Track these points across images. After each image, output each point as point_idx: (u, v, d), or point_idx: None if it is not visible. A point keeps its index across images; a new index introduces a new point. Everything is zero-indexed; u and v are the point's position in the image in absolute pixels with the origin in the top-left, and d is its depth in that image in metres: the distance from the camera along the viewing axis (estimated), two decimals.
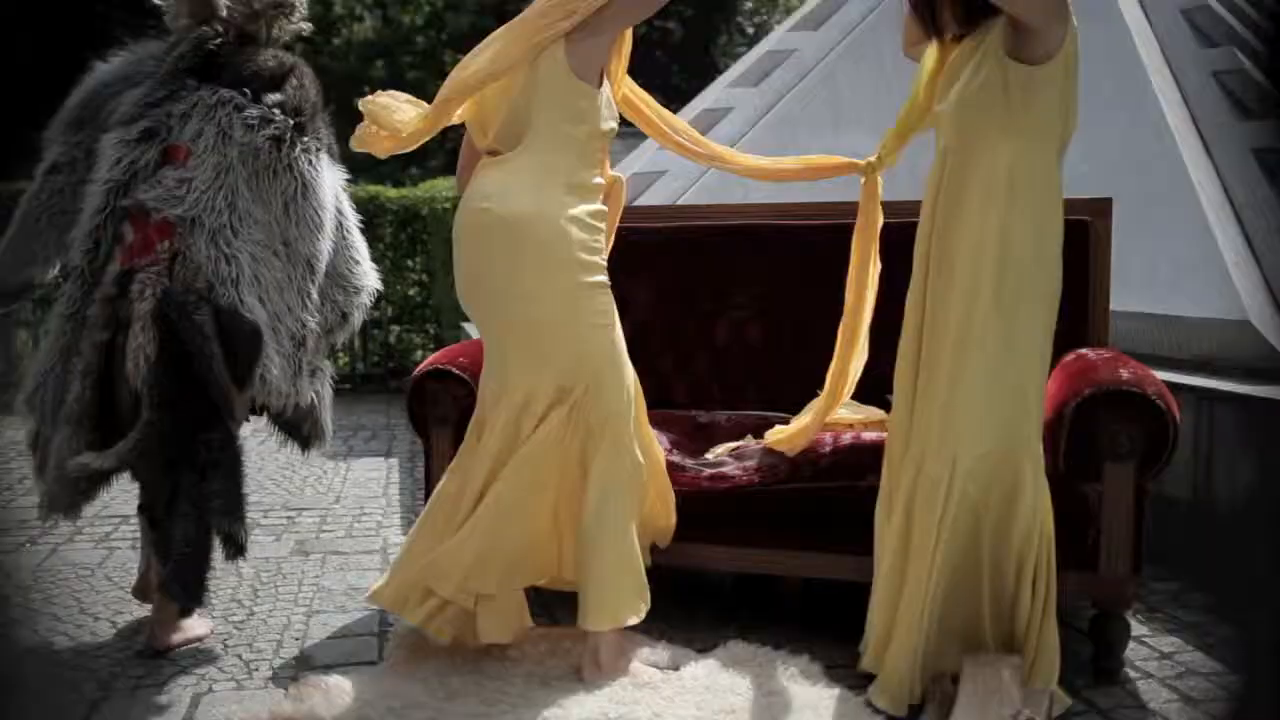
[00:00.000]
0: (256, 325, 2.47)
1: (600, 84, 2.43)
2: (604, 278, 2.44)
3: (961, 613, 2.22)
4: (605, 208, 2.51)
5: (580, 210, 2.38)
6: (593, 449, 2.38)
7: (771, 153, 2.86)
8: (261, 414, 2.73)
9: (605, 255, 2.49)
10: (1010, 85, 2.11)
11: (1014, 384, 2.17)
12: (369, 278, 2.91)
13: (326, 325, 2.76)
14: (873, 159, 2.64)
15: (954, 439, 2.17)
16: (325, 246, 2.71)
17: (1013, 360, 2.17)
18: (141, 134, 2.53)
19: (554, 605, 2.79)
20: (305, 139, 2.64)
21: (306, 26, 2.79)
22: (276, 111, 2.60)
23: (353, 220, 2.89)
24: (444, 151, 20.20)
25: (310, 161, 2.65)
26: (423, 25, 20.10)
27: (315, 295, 2.68)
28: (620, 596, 2.35)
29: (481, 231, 2.39)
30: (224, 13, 2.64)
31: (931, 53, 2.36)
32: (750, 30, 18.46)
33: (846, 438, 2.66)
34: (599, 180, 2.49)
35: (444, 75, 2.40)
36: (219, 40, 2.64)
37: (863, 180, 2.68)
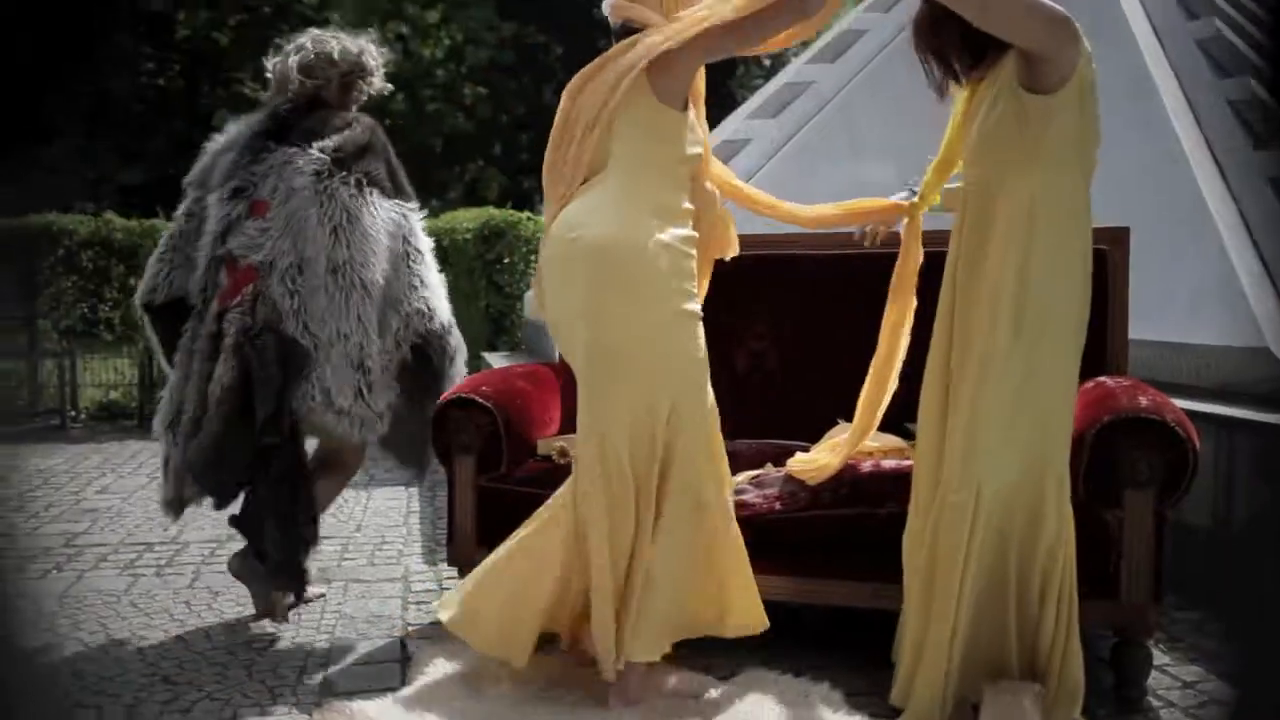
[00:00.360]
0: (309, 350, 2.83)
1: (685, 109, 2.43)
2: (695, 306, 2.38)
3: (987, 639, 2.22)
4: (695, 234, 2.46)
5: (669, 235, 2.34)
6: (664, 486, 2.34)
7: (790, 183, 2.91)
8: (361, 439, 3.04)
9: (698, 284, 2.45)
10: (1028, 116, 2.12)
11: (1038, 412, 2.18)
12: (424, 303, 3.07)
13: (399, 352, 3.02)
14: (915, 199, 2.66)
15: (978, 468, 2.17)
16: (377, 272, 2.94)
17: (1037, 388, 2.17)
18: (232, 192, 2.95)
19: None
20: (344, 172, 2.94)
21: (385, 87, 3.25)
22: (317, 151, 2.94)
23: (423, 250, 3.12)
24: (463, 184, 20.42)
25: (352, 193, 2.94)
26: (443, 59, 20.36)
27: (375, 318, 2.93)
28: (662, 631, 2.35)
29: (566, 261, 2.37)
30: (294, 87, 3.07)
31: (962, 94, 2.38)
32: (767, 62, 18.57)
33: (866, 465, 2.68)
34: (688, 205, 2.45)
35: (465, 108, 2.47)
36: (289, 107, 3.05)
37: (905, 220, 2.69)
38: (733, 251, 2.69)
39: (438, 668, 2.55)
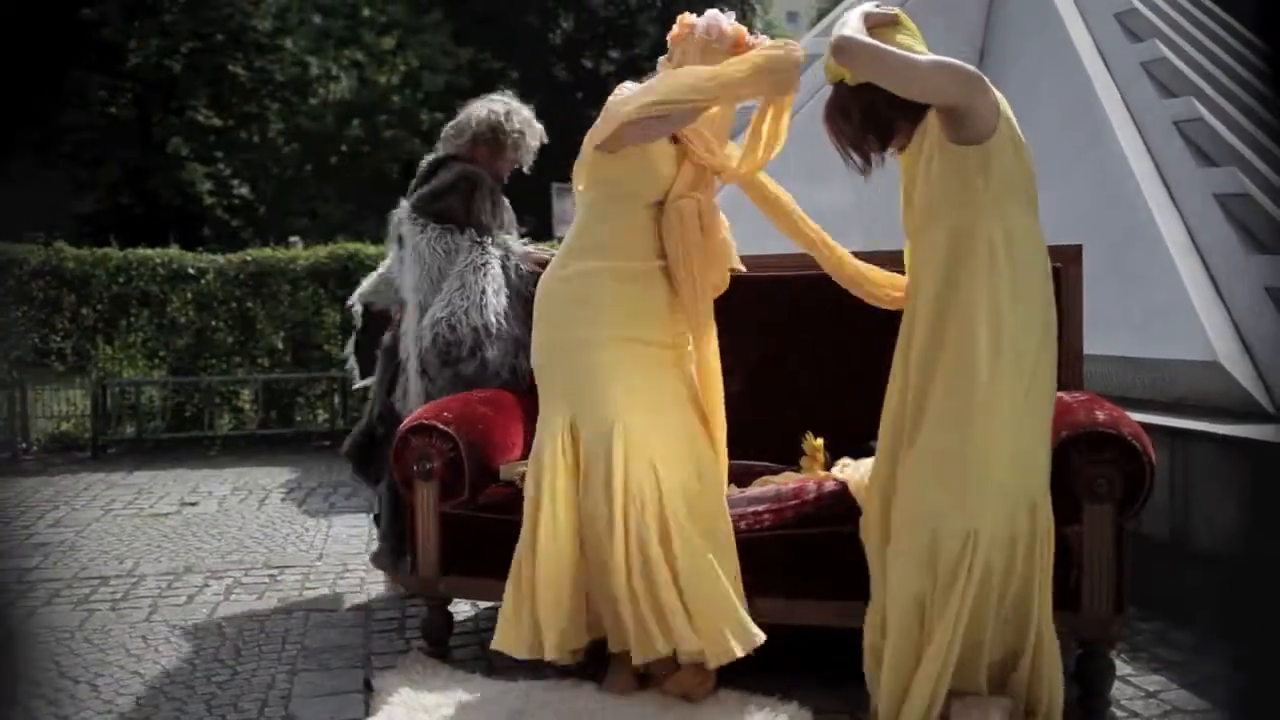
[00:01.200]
0: (401, 363, 3.43)
1: (616, 150, 2.62)
2: (601, 331, 2.59)
3: (966, 661, 2.24)
4: (633, 264, 2.65)
5: (578, 267, 2.66)
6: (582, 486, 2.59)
7: (747, 207, 2.87)
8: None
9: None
10: (969, 166, 2.20)
11: (1025, 449, 2.21)
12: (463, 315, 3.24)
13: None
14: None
15: (973, 513, 2.17)
16: (422, 293, 3.33)
17: (1022, 427, 2.20)
18: (398, 241, 3.49)
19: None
20: (413, 214, 3.41)
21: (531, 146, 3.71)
22: (403, 201, 3.51)
23: (481, 274, 3.29)
24: None
25: (411, 229, 3.39)
26: (399, 85, 20.32)
27: (426, 334, 3.25)
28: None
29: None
30: (441, 151, 3.62)
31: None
32: None
33: (829, 485, 2.69)
34: (641, 239, 2.67)
35: (421, 134, 2.53)
36: (426, 168, 3.61)
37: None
38: (724, 284, 2.75)
39: (401, 698, 2.51)
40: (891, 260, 2.63)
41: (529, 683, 2.58)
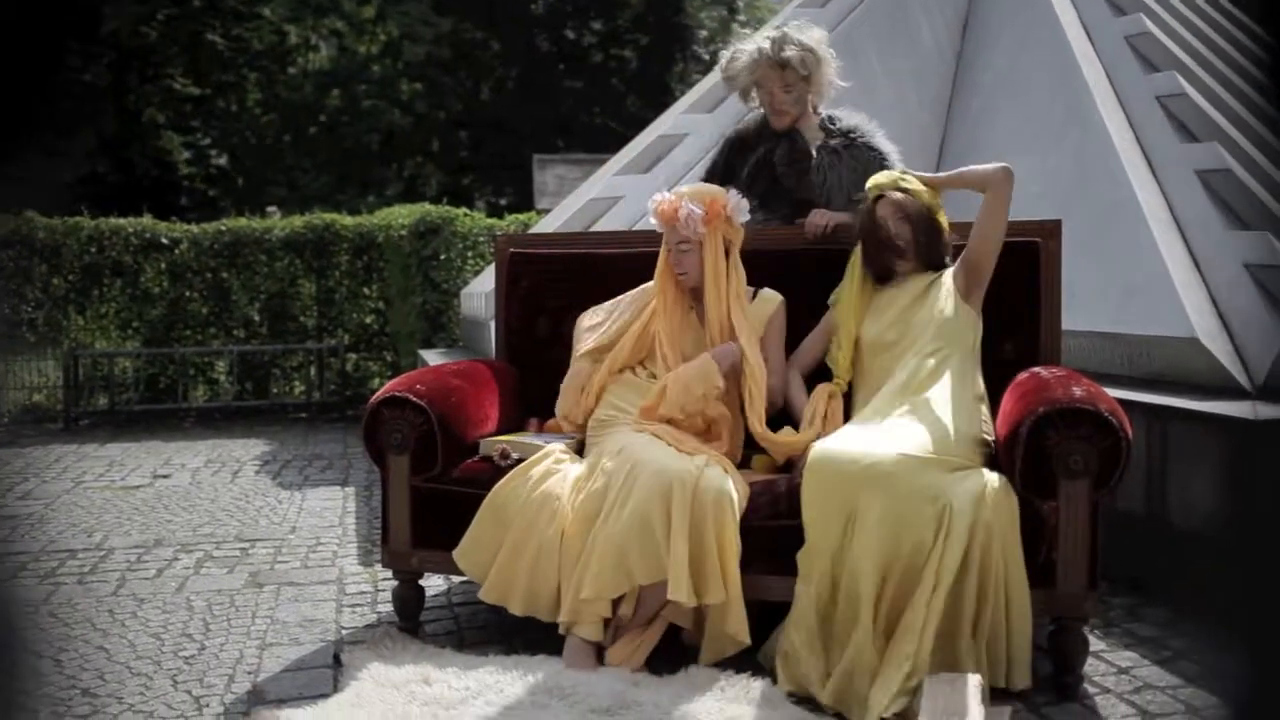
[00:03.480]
0: None
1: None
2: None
3: (944, 635, 2.32)
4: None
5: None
6: None
7: None
8: None
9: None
10: (972, 325, 2.73)
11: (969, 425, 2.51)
12: None
13: None
14: (840, 381, 2.85)
15: (945, 487, 2.36)
16: None
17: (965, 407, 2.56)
18: None
19: (514, 634, 2.76)
20: None
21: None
22: None
23: None
24: (402, 180, 20.19)
25: None
26: (379, 54, 20.09)
27: None
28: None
29: None
30: None
31: (852, 287, 2.87)
32: (706, 57, 18.64)
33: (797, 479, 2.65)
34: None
35: (401, 105, 2.45)
36: None
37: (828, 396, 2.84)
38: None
39: (371, 672, 2.48)
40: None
41: (500, 657, 2.56)
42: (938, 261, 2.85)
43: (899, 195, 2.81)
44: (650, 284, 3.00)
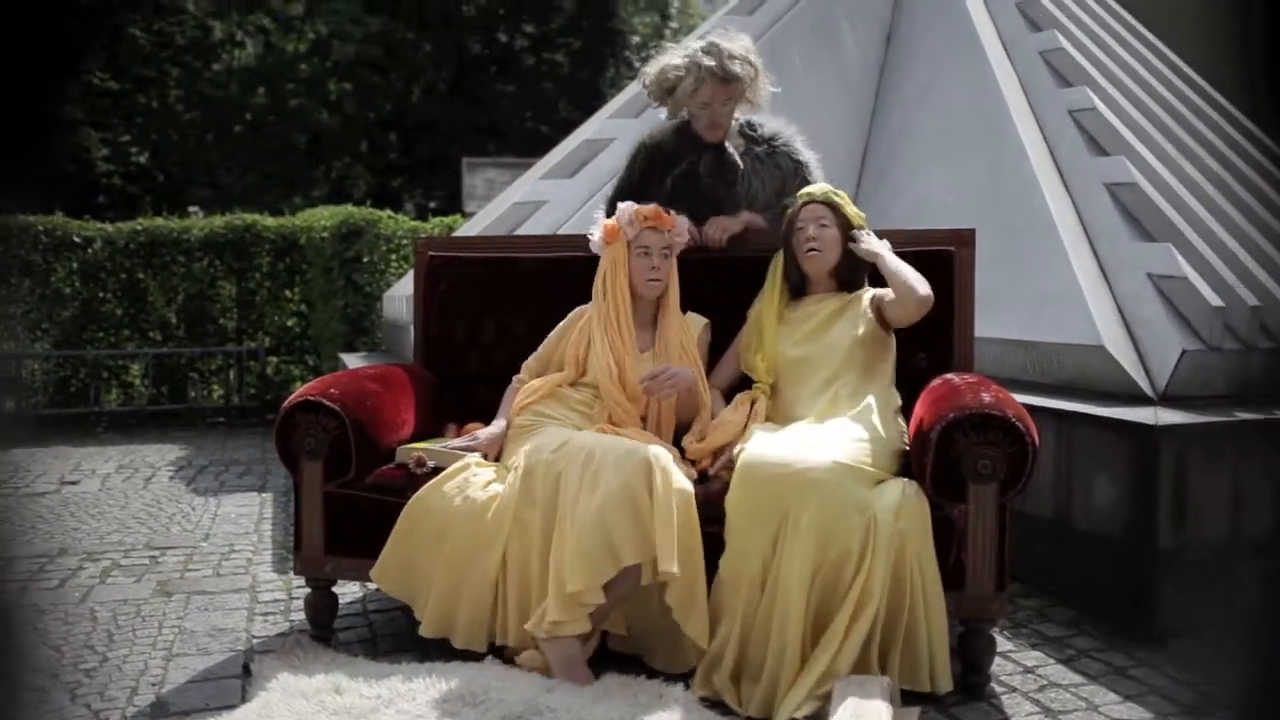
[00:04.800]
0: None
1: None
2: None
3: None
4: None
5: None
6: None
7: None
8: None
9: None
10: (887, 347, 2.81)
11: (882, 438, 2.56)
12: None
13: None
14: (764, 388, 2.85)
15: (869, 498, 2.42)
16: None
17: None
18: None
19: (429, 641, 2.73)
20: None
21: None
22: None
23: None
24: (330, 181, 19.87)
25: None
26: (307, 53, 19.74)
27: None
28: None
29: None
30: None
31: (773, 293, 2.92)
32: (638, 63, 18.68)
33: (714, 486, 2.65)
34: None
35: (329, 104, 2.40)
36: None
37: (753, 403, 2.82)
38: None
39: (280, 682, 2.43)
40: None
41: (413, 665, 2.52)
42: (856, 282, 2.89)
43: (825, 207, 2.86)
44: (583, 307, 2.99)
